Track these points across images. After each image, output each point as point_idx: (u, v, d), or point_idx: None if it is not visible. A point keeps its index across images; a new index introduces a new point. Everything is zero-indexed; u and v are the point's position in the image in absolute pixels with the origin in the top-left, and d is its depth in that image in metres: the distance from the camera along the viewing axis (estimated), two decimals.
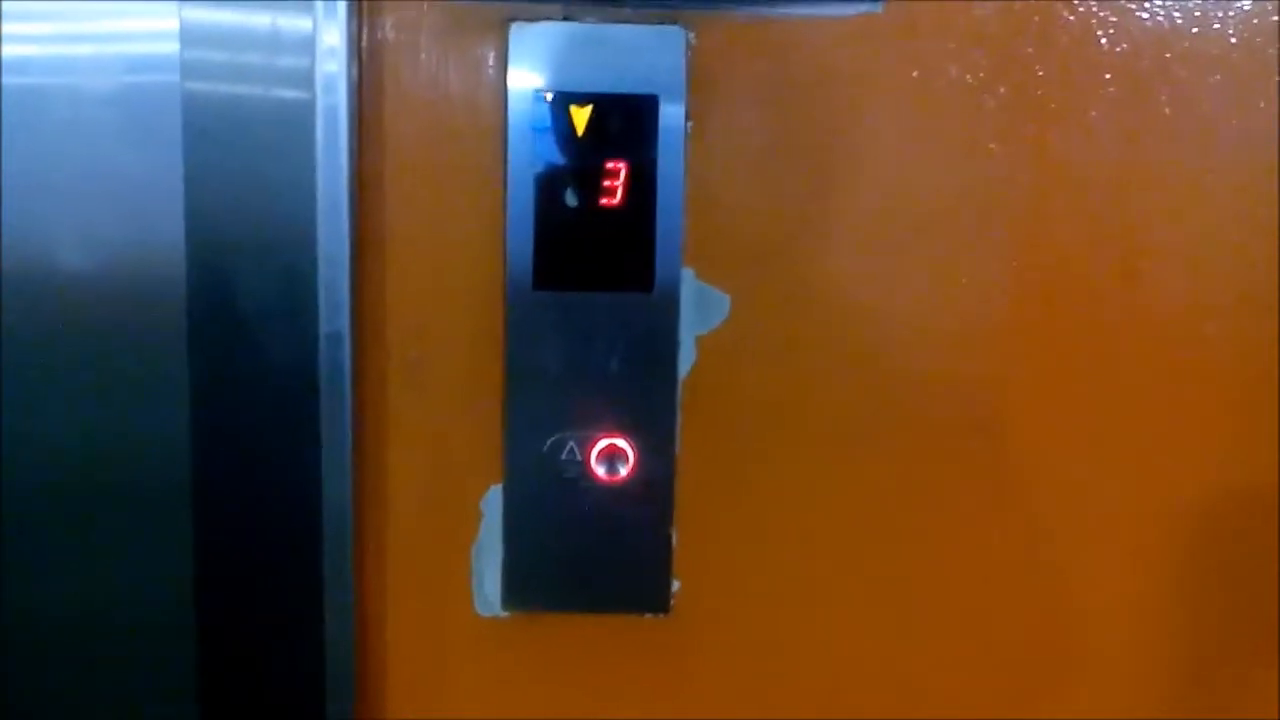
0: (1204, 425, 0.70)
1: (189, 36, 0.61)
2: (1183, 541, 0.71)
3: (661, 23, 0.65)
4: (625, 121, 0.65)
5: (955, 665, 0.71)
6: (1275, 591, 0.71)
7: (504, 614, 0.69)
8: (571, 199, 0.65)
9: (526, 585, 0.69)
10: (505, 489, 0.68)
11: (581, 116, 0.65)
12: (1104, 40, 0.67)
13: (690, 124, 0.66)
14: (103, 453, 0.65)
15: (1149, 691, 0.72)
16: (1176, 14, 0.67)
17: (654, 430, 0.68)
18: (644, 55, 0.65)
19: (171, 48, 0.61)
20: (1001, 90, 0.67)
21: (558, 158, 0.65)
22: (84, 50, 0.62)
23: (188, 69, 0.61)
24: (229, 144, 0.62)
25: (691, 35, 0.65)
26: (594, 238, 0.66)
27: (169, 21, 0.61)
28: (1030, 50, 0.67)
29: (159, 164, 0.62)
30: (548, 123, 0.65)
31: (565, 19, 0.64)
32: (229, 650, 0.67)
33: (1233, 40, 0.67)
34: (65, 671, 0.67)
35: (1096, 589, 0.71)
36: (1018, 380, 0.69)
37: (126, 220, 0.63)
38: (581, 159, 0.65)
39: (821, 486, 0.69)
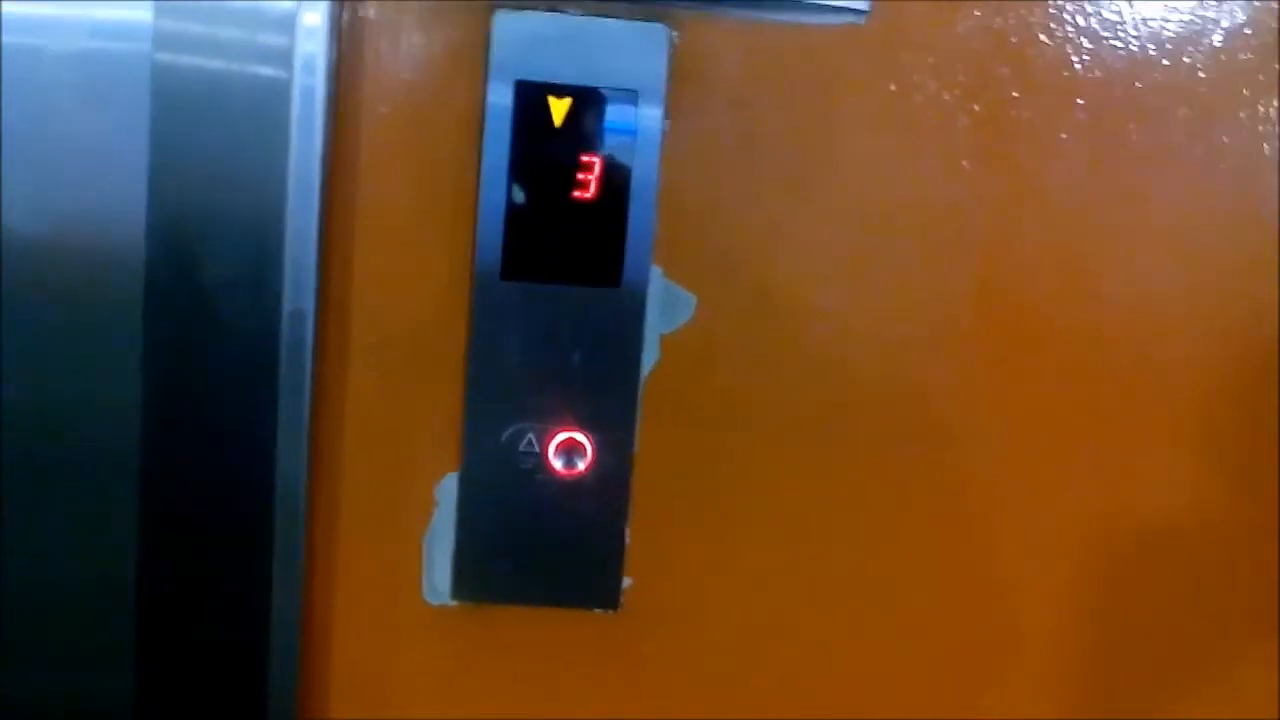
0: (1155, 441, 0.71)
1: (165, 7, 0.60)
2: (1133, 551, 0.72)
3: (646, 19, 0.64)
4: (603, 116, 0.65)
5: (906, 665, 0.72)
6: (1225, 599, 0.73)
7: (453, 603, 0.69)
8: (544, 190, 0.65)
9: (477, 575, 0.69)
10: (461, 477, 0.68)
11: (560, 108, 0.64)
12: (1078, 66, 0.67)
13: (667, 122, 0.65)
14: (50, 417, 0.64)
15: (1095, 695, 0.74)
16: (1150, 46, 0.68)
17: (613, 426, 0.67)
18: (626, 50, 0.64)
19: (143, 16, 0.60)
20: (976, 108, 0.67)
21: (533, 148, 0.64)
22: (49, 12, 0.60)
23: (160, 39, 0.60)
24: (198, 117, 0.60)
25: (675, 34, 0.65)
26: (565, 231, 0.65)
27: None
28: (1006, 70, 0.67)
29: (121, 131, 0.61)
30: (525, 112, 0.64)
31: (550, 9, 0.64)
32: (170, 625, 0.66)
33: (1201, 75, 0.68)
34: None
35: (1045, 595, 0.72)
36: (975, 390, 0.70)
37: (83, 184, 0.61)
38: (557, 151, 0.65)
39: (778, 490, 0.70)
